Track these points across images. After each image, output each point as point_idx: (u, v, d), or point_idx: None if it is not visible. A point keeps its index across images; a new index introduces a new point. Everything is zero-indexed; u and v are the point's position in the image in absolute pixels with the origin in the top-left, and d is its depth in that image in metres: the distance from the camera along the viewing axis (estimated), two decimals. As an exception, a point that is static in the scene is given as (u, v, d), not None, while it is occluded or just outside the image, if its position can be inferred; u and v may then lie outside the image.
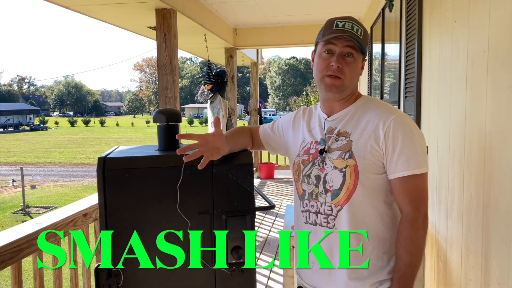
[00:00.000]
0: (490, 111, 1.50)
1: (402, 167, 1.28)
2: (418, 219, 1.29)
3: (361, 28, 1.33)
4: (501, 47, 1.42)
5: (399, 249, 1.31)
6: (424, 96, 2.56)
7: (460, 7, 1.88)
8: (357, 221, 1.32)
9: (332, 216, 1.34)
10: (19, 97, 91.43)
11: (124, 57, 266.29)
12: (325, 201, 1.35)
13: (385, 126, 1.29)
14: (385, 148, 1.29)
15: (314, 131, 1.47)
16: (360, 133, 1.33)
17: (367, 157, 1.30)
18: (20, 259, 1.81)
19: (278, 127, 1.62)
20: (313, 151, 1.42)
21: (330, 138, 1.39)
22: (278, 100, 68.97)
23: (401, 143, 1.27)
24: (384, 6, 3.91)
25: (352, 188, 1.31)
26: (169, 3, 3.68)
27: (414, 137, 1.29)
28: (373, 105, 1.39)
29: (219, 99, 5.69)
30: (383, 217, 1.34)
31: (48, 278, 2.40)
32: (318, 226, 1.38)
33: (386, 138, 1.28)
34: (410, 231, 1.29)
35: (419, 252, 1.30)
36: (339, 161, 1.33)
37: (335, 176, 1.33)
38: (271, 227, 5.08)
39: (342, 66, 1.32)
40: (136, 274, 1.43)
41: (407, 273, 1.29)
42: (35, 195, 16.98)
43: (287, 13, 5.94)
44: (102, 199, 1.40)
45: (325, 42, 1.33)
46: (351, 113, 1.39)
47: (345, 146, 1.34)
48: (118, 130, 52.85)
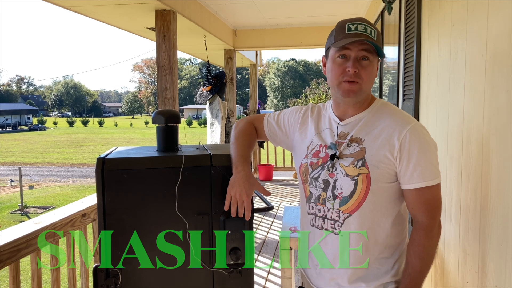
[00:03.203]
0: (488, 114, 1.51)
1: (418, 178, 1.26)
2: (434, 228, 1.30)
3: (374, 29, 1.29)
4: (499, 51, 1.42)
5: (411, 255, 1.30)
6: (422, 99, 2.57)
7: (458, 11, 1.89)
8: (365, 228, 1.32)
9: (339, 223, 1.33)
10: (18, 97, 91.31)
11: (124, 57, 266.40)
12: (332, 207, 1.34)
13: (400, 136, 1.27)
14: (400, 159, 1.27)
15: (323, 133, 1.43)
16: (374, 141, 1.31)
17: (380, 166, 1.28)
18: (18, 259, 1.81)
19: (284, 122, 1.57)
20: (322, 154, 1.39)
21: (343, 144, 1.36)
22: (277, 101, 68.94)
23: (417, 154, 1.25)
24: (383, 9, 3.92)
25: (363, 196, 1.29)
26: (168, 4, 3.68)
27: (430, 148, 1.28)
28: (388, 111, 1.36)
29: (218, 100, 5.69)
30: (391, 224, 1.34)
31: (46, 278, 2.40)
32: (324, 230, 1.37)
33: (402, 148, 1.26)
34: (425, 239, 1.29)
35: (430, 260, 1.30)
36: (351, 168, 1.31)
37: (345, 183, 1.31)
38: (270, 228, 5.08)
39: (359, 71, 1.28)
40: (134, 275, 1.43)
41: (416, 279, 1.29)
42: (33, 195, 16.95)
43: (286, 15, 5.95)
44: (100, 199, 1.40)
45: (339, 47, 1.29)
46: (365, 119, 1.36)
47: (358, 154, 1.31)
48: (116, 130, 52.79)
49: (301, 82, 65.97)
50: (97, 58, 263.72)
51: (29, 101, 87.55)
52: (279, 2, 5.16)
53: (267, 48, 7.32)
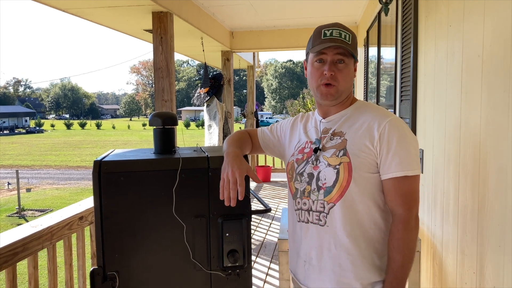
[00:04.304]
0: (485, 114, 1.51)
1: (396, 168, 1.29)
2: (411, 221, 1.31)
3: (349, 33, 1.37)
4: (496, 52, 1.43)
5: (392, 250, 1.32)
6: (419, 100, 2.58)
7: (455, 12, 1.89)
8: (350, 219, 1.33)
9: (324, 214, 1.35)
10: (15, 99, 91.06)
11: (121, 59, 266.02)
12: (317, 198, 1.36)
13: (380, 127, 1.31)
14: (379, 149, 1.31)
15: (309, 132, 1.50)
16: (355, 132, 1.36)
17: (361, 155, 1.32)
18: (15, 262, 1.80)
19: (277, 129, 1.65)
20: (307, 150, 1.45)
21: (325, 138, 1.42)
22: (274, 103, 69.06)
23: (395, 144, 1.29)
24: (380, 10, 3.93)
25: (346, 185, 1.32)
26: (165, 6, 3.68)
27: (408, 140, 1.32)
28: (369, 108, 1.43)
29: (216, 102, 5.69)
30: (375, 217, 1.35)
31: (43, 282, 2.38)
32: (310, 223, 1.39)
33: (381, 139, 1.31)
34: (403, 232, 1.30)
35: (411, 254, 1.31)
36: (333, 158, 1.35)
37: (328, 173, 1.35)
38: (268, 230, 5.08)
39: (335, 73, 1.35)
40: (131, 278, 1.43)
41: (399, 274, 1.30)
42: (31, 198, 16.90)
43: (283, 17, 5.96)
44: (97, 202, 1.39)
45: (316, 52, 1.37)
46: (347, 116, 1.42)
47: (340, 145, 1.36)
48: (114, 133, 52.74)
49: (298, 83, 66.07)
50: (94, 61, 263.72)
51: (27, 104, 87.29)
52: (276, 3, 5.17)
53: (264, 50, 7.32)
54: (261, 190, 7.42)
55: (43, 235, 1.97)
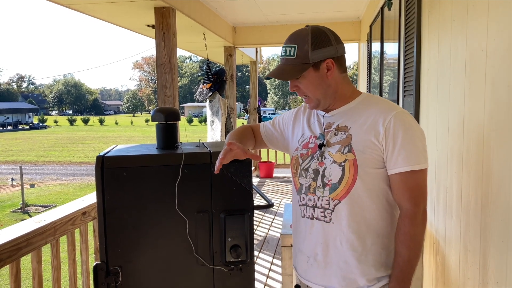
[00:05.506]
0: (489, 109, 1.50)
1: (402, 162, 1.28)
2: (418, 215, 1.30)
3: (293, 45, 1.32)
4: (500, 46, 1.42)
5: (398, 245, 1.31)
6: (423, 95, 2.57)
7: (458, 6, 1.88)
8: (356, 215, 1.32)
9: (329, 210, 1.34)
10: (18, 95, 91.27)
11: (124, 55, 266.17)
12: (322, 195, 1.36)
13: (385, 122, 1.29)
14: (385, 144, 1.29)
15: (313, 126, 1.48)
16: (360, 128, 1.34)
17: (366, 151, 1.30)
18: (18, 257, 1.81)
19: (279, 123, 1.63)
20: (312, 145, 1.43)
21: (329, 133, 1.39)
22: (277, 98, 68.93)
23: (401, 139, 1.27)
24: (383, 4, 3.91)
25: (351, 182, 1.31)
26: (168, 2, 3.67)
27: (415, 133, 1.30)
28: (374, 101, 1.40)
29: (218, 97, 5.69)
30: (381, 213, 1.34)
31: (47, 277, 2.40)
32: (315, 220, 1.38)
33: (387, 133, 1.29)
34: (410, 227, 1.29)
35: (418, 248, 1.31)
36: (338, 155, 1.34)
37: (334, 170, 1.33)
38: (270, 225, 5.09)
39: (298, 88, 1.38)
40: (134, 273, 1.43)
41: (405, 269, 1.30)
42: (34, 193, 16.97)
43: (286, 12, 5.93)
44: (100, 197, 1.40)
45: None
46: (351, 109, 1.40)
47: (344, 140, 1.34)
48: (117, 128, 52.82)
49: (301, 79, 65.71)
50: (97, 56, 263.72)
51: (30, 100, 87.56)
52: (278, -2, 5.14)
53: (267, 45, 7.30)
54: (264, 186, 7.43)
55: (47, 230, 1.98)
